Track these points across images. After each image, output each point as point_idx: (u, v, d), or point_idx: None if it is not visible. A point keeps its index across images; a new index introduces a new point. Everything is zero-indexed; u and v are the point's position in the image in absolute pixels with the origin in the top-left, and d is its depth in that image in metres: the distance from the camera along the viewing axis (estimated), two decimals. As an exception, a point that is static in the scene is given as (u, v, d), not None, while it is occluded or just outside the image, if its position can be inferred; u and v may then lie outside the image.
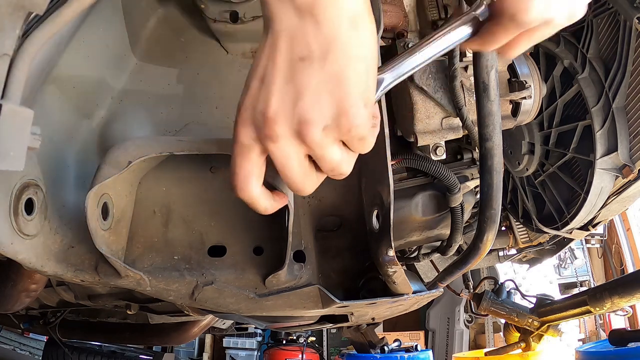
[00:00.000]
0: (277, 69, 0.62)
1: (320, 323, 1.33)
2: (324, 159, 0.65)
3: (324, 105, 0.61)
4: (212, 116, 1.21)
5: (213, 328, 3.69)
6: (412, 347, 3.97)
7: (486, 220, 1.18)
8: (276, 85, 0.62)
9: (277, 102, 0.62)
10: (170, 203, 1.07)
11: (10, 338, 5.76)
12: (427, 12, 1.37)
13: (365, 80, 0.62)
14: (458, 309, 6.83)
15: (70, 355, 3.34)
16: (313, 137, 0.62)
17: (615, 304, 2.13)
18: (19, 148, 0.52)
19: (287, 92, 0.62)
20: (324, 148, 0.64)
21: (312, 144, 0.63)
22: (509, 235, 2.31)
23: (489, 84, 1.10)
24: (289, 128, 0.62)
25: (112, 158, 0.87)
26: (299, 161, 0.66)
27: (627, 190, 1.69)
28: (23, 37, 0.55)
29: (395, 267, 1.00)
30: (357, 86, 0.61)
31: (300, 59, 0.60)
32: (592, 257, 7.13)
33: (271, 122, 0.62)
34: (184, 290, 1.02)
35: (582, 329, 6.34)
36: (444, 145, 1.27)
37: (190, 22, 1.20)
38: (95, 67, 1.09)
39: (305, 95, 0.61)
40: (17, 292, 1.55)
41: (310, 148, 0.64)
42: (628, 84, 1.52)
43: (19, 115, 0.51)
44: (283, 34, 0.60)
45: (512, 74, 1.32)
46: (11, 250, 0.81)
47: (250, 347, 7.31)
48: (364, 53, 0.60)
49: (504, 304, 2.79)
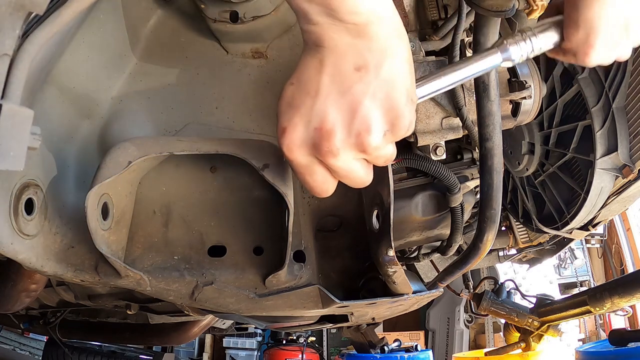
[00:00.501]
0: (331, 82, 0.64)
1: (320, 323, 1.33)
2: (381, 158, 0.68)
3: (382, 110, 0.64)
4: (212, 116, 1.21)
5: (213, 328, 3.68)
6: (412, 347, 3.97)
7: (486, 220, 1.18)
8: (332, 98, 0.64)
9: (335, 115, 0.64)
10: (170, 203, 1.07)
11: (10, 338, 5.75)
12: (427, 12, 1.37)
13: (411, 80, 0.67)
14: (458, 309, 6.83)
15: (70, 355, 3.34)
16: (376, 144, 0.65)
17: (615, 304, 2.13)
18: (19, 148, 0.51)
19: (343, 104, 0.63)
20: (381, 149, 0.66)
21: (373, 150, 0.65)
22: (509, 235, 2.31)
23: (489, 84, 1.10)
24: (349, 139, 0.64)
25: (112, 158, 0.87)
26: (362, 166, 0.69)
27: (627, 190, 1.69)
28: (23, 37, 0.55)
29: (395, 267, 1.00)
30: (405, 87, 0.65)
31: (356, 69, 0.63)
32: (592, 257, 7.13)
33: (329, 136, 0.64)
34: (184, 290, 1.02)
35: (582, 329, 6.34)
36: (444, 145, 1.27)
37: (190, 22, 1.20)
38: (95, 67, 1.09)
39: (363, 104, 0.63)
40: (17, 292, 1.55)
41: (369, 154, 0.66)
42: (628, 84, 1.52)
43: (19, 115, 0.51)
44: (335, 50, 0.63)
45: (512, 74, 1.32)
46: (11, 250, 0.81)
47: (250, 347, 7.31)
48: (407, 56, 0.66)
49: (504, 304, 2.79)
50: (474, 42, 1.11)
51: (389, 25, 0.63)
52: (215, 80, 1.22)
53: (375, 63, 0.63)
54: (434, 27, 1.38)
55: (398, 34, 0.65)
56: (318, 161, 0.67)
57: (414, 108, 0.67)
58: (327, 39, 0.63)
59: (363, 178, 0.70)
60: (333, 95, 0.63)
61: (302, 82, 0.65)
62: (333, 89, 0.63)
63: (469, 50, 1.24)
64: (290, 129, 0.66)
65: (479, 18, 1.08)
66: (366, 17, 0.61)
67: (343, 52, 0.63)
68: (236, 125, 1.21)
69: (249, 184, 1.09)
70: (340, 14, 0.60)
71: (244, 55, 1.22)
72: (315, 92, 0.64)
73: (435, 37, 1.37)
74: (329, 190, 0.72)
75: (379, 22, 0.62)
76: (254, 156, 0.89)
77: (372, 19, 0.61)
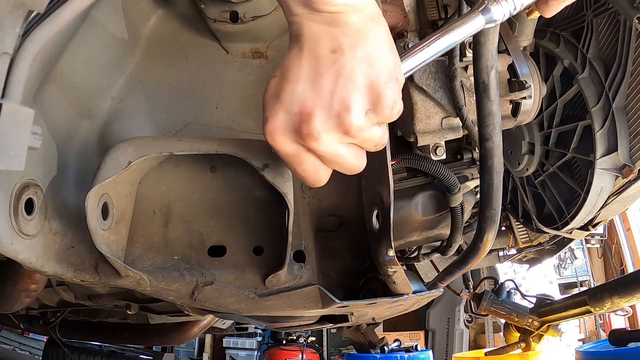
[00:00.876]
0: (309, 67, 0.65)
1: (320, 323, 1.32)
2: (369, 141, 0.68)
3: (361, 89, 0.64)
4: (212, 116, 1.21)
5: (213, 328, 3.69)
6: (412, 347, 3.98)
7: (486, 220, 1.18)
8: (310, 82, 0.65)
9: (313, 98, 0.64)
10: (170, 203, 1.07)
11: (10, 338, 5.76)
12: (427, 12, 1.37)
13: (392, 58, 0.67)
14: (458, 309, 6.83)
15: (70, 355, 3.34)
16: (357, 123, 0.64)
17: (615, 304, 2.13)
18: (19, 147, 0.51)
19: (321, 86, 0.64)
20: (366, 131, 0.66)
21: (356, 131, 0.65)
22: (509, 235, 2.31)
23: (489, 84, 1.10)
24: (329, 121, 0.64)
25: (112, 158, 0.87)
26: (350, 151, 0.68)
27: (627, 190, 1.69)
28: (24, 36, 0.55)
29: (395, 267, 1.00)
30: (384, 66, 0.65)
31: (331, 52, 0.64)
32: (592, 257, 7.13)
33: (309, 118, 0.64)
34: (184, 290, 1.02)
35: (582, 329, 6.34)
36: (444, 145, 1.27)
37: (190, 22, 1.20)
38: (95, 67, 1.09)
39: (340, 84, 0.63)
40: (17, 292, 1.55)
41: (353, 136, 0.65)
42: (628, 84, 1.52)
43: (19, 114, 0.51)
44: (312, 37, 0.65)
45: (512, 74, 1.32)
46: (11, 250, 0.81)
47: (250, 347, 7.32)
48: (386, 37, 0.67)
49: (504, 304, 2.79)
50: (474, 42, 1.11)
51: (364, 12, 0.65)
52: (215, 80, 1.22)
53: (350, 44, 0.64)
54: (434, 27, 1.38)
55: (373, 19, 0.66)
56: (305, 149, 0.67)
57: (399, 88, 0.67)
58: (306, 28, 0.65)
59: (354, 163, 0.70)
60: (311, 79, 0.65)
61: (283, 72, 0.67)
62: (310, 73, 0.65)
63: (469, 50, 1.24)
64: (272, 117, 0.67)
65: (479, 18, 1.08)
66: (341, 7, 0.63)
67: (319, 38, 0.65)
68: (236, 125, 1.21)
69: (249, 184, 1.09)
70: (316, 4, 0.63)
71: (244, 55, 1.22)
72: (294, 79, 0.66)
73: (435, 37, 1.37)
74: (322, 179, 0.72)
75: (353, 10, 0.64)
76: (254, 156, 0.89)
77: (346, 8, 0.64)
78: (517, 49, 1.36)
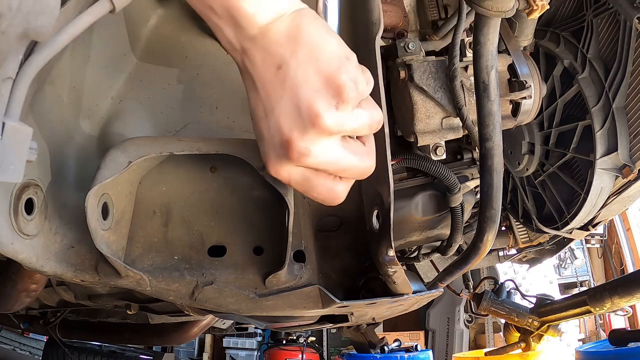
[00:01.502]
0: (267, 96, 0.65)
1: (320, 323, 1.33)
2: (360, 129, 0.67)
3: (320, 87, 0.63)
4: (212, 116, 1.21)
5: (213, 328, 3.68)
6: (412, 347, 3.97)
7: (486, 220, 1.18)
8: (273, 108, 0.65)
9: (283, 120, 0.64)
10: (170, 203, 1.07)
11: (10, 338, 5.76)
12: (427, 12, 1.37)
13: (332, 40, 0.65)
14: (458, 309, 6.83)
15: (70, 355, 3.34)
16: (333, 121, 0.63)
17: (615, 304, 2.12)
18: (18, 162, 0.55)
19: (284, 105, 0.64)
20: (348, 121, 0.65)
21: (337, 127, 0.64)
22: (509, 235, 2.31)
23: (489, 84, 1.10)
24: (307, 133, 0.64)
25: (112, 158, 0.87)
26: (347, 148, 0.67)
27: (627, 190, 1.69)
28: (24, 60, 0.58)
29: (395, 267, 1.00)
30: (329, 49, 0.64)
31: (277, 69, 0.64)
32: (592, 257, 7.13)
33: (290, 142, 0.64)
34: (184, 290, 1.02)
35: (582, 329, 6.33)
36: (444, 145, 1.27)
37: (190, 22, 1.20)
38: (95, 67, 1.09)
39: (298, 92, 0.63)
40: (17, 292, 1.55)
41: (338, 131, 0.65)
42: (628, 84, 1.52)
43: (20, 132, 0.55)
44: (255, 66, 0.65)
45: (512, 74, 1.32)
46: (11, 250, 0.81)
47: (250, 347, 7.32)
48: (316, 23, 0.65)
49: (504, 304, 2.78)
50: (474, 42, 1.11)
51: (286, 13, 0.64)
52: (215, 80, 1.22)
53: (290, 52, 0.64)
54: (434, 27, 1.38)
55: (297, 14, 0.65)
56: (310, 171, 0.68)
57: (353, 64, 0.65)
58: (247, 60, 0.66)
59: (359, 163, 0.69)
60: (272, 106, 0.65)
61: (252, 113, 0.69)
62: (270, 101, 0.65)
63: (469, 50, 1.24)
64: (266, 158, 0.68)
65: (479, 18, 1.08)
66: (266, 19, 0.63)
67: (262, 62, 0.65)
68: (236, 125, 1.21)
69: (249, 184, 1.09)
70: (246, 31, 0.63)
71: (244, 55, 1.22)
72: (262, 115, 0.66)
73: (436, 37, 1.37)
74: (340, 194, 0.72)
75: (277, 17, 0.64)
76: (254, 156, 0.89)
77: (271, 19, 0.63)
78: (517, 49, 1.36)
